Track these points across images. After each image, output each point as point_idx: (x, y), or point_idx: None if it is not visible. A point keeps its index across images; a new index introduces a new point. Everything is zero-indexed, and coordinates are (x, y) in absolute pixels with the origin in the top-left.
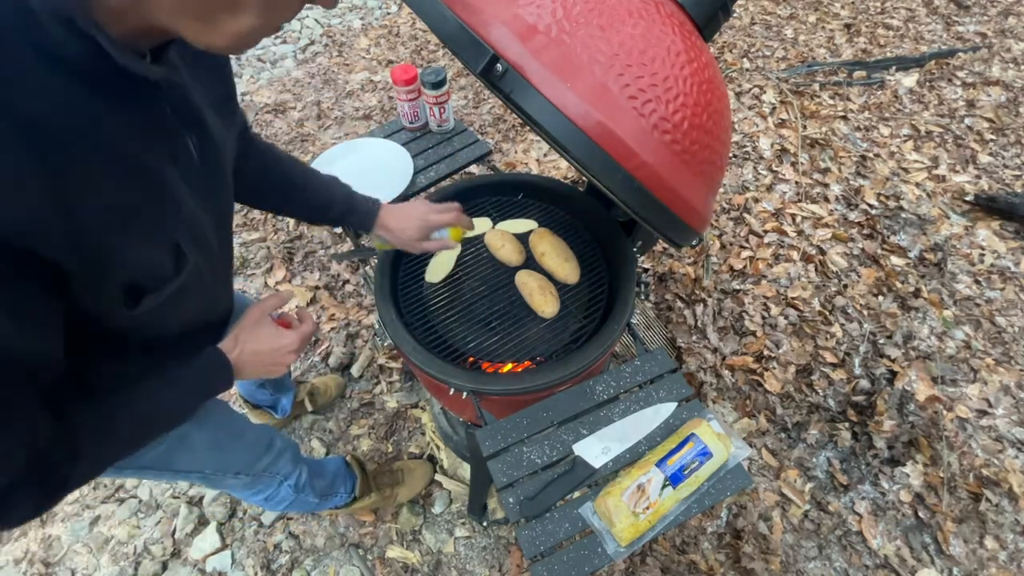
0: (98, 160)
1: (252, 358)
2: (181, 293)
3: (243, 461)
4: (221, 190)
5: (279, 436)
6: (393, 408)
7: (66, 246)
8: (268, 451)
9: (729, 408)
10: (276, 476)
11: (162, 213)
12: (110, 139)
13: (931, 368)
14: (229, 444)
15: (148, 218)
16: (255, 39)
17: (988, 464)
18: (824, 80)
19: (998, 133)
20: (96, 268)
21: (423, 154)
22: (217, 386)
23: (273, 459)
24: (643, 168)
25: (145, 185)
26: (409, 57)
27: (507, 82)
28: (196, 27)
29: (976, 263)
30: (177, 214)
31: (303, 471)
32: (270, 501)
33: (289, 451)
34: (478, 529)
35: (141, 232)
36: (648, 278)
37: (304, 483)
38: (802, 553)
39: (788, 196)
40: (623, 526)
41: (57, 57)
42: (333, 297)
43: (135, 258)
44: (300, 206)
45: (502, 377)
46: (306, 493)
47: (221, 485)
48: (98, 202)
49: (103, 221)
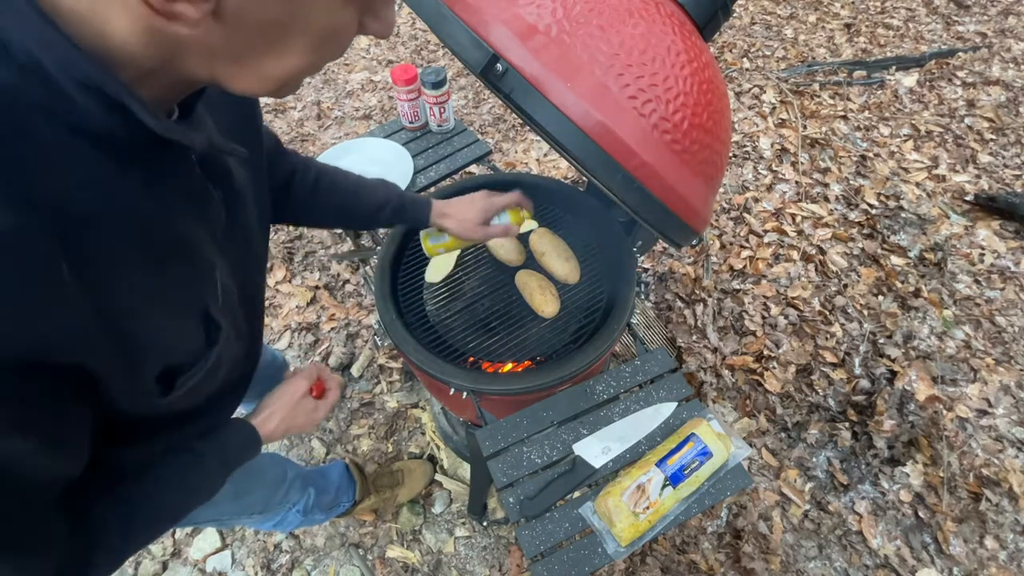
0: (130, 239)
1: (285, 431)
2: (216, 366)
3: (261, 502)
4: (251, 241)
5: (290, 465)
6: (393, 408)
7: (99, 346)
8: (282, 484)
9: (729, 408)
10: (286, 504)
11: (191, 280)
12: (142, 212)
13: (931, 368)
14: (250, 489)
15: (178, 289)
16: (299, 81)
17: (988, 464)
18: (824, 80)
19: (998, 133)
20: (128, 361)
21: (423, 154)
22: (245, 460)
23: (286, 491)
24: (643, 168)
25: (175, 254)
26: (409, 57)
27: (507, 82)
28: (233, 71)
29: (976, 263)
30: (208, 278)
31: (311, 494)
32: (279, 526)
33: (299, 479)
34: (478, 529)
35: (170, 307)
36: (648, 278)
37: (312, 505)
38: (802, 553)
39: (788, 196)
40: (623, 526)
41: (79, 129)
42: (333, 297)
43: (167, 338)
44: (353, 215)
45: (502, 377)
46: (313, 514)
47: (234, 524)
48: (126, 286)
49: (136, 304)
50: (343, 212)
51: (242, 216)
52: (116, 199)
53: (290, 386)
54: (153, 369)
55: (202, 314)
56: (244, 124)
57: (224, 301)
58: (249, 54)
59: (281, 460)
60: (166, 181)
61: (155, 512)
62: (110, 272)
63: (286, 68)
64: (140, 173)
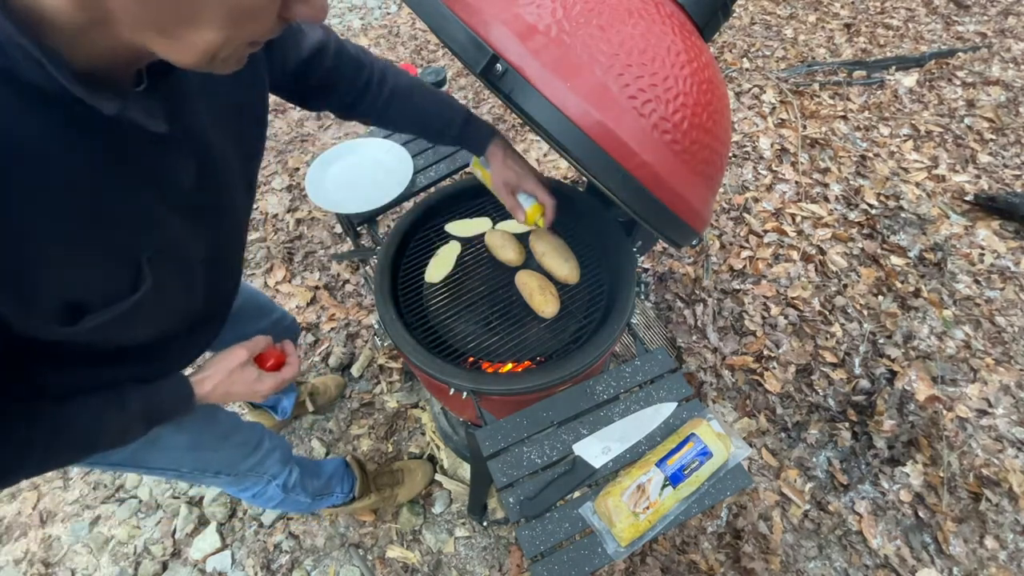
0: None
1: (221, 397)
2: (135, 311)
3: (225, 462)
4: (227, 210)
5: (269, 436)
6: (393, 408)
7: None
8: (255, 452)
9: (729, 408)
10: (263, 476)
11: (125, 235)
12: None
13: (931, 368)
14: (213, 445)
15: (92, 234)
16: (227, 55)
17: (988, 464)
18: (824, 80)
19: (998, 133)
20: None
21: (423, 154)
22: (175, 413)
23: (260, 459)
24: (643, 168)
25: (103, 211)
26: (409, 57)
27: (507, 82)
28: (161, 42)
29: (976, 263)
30: (147, 234)
31: (293, 471)
32: (258, 498)
33: (279, 451)
34: (478, 529)
35: (86, 253)
36: (648, 278)
37: (295, 483)
38: (802, 553)
39: (788, 196)
40: (623, 526)
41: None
42: (333, 297)
43: (75, 278)
44: (425, 129)
45: (502, 377)
46: (296, 493)
47: (199, 482)
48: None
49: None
50: (414, 124)
51: (216, 185)
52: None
53: (230, 353)
54: (48, 299)
55: (131, 262)
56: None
57: (165, 256)
58: (169, 25)
59: (258, 428)
60: (98, 138)
61: (66, 436)
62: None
63: (207, 40)
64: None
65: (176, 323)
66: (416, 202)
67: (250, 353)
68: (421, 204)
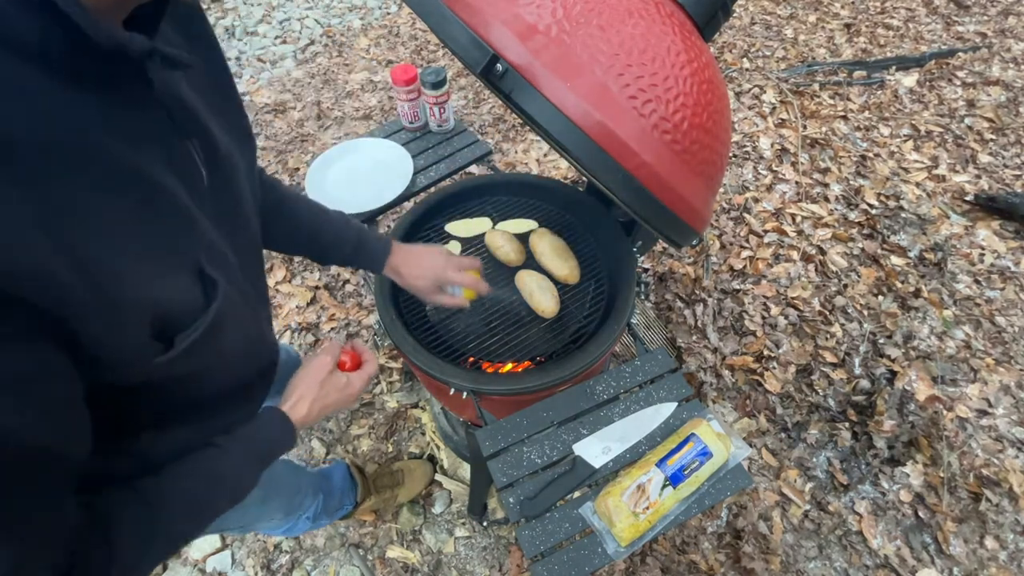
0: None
1: (319, 413)
2: (217, 326)
3: (282, 509)
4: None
5: (303, 472)
6: (393, 408)
7: (73, 289)
8: (298, 492)
9: (729, 408)
10: (300, 512)
11: (175, 228)
12: (98, 144)
13: (931, 368)
14: (274, 495)
15: (160, 235)
16: None
17: (988, 464)
18: (824, 80)
19: (998, 133)
20: (111, 306)
21: (423, 154)
22: (280, 450)
23: (302, 499)
24: (643, 168)
25: (148, 197)
26: (409, 57)
27: (507, 82)
28: None
29: (976, 263)
30: (192, 231)
31: (319, 500)
32: (289, 531)
33: (311, 486)
34: (478, 529)
35: (155, 252)
36: (648, 278)
37: (320, 512)
38: (802, 553)
39: (788, 196)
40: (623, 526)
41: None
42: (333, 297)
43: (155, 286)
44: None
45: (502, 377)
46: (320, 519)
47: (254, 531)
48: (98, 225)
49: (108, 246)
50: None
51: (227, 182)
52: (66, 126)
53: (313, 365)
54: (138, 318)
55: (194, 266)
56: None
57: (217, 258)
58: None
59: (295, 467)
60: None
61: (180, 508)
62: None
63: None
64: (93, 97)
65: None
66: (416, 202)
67: (333, 358)
68: (421, 204)
